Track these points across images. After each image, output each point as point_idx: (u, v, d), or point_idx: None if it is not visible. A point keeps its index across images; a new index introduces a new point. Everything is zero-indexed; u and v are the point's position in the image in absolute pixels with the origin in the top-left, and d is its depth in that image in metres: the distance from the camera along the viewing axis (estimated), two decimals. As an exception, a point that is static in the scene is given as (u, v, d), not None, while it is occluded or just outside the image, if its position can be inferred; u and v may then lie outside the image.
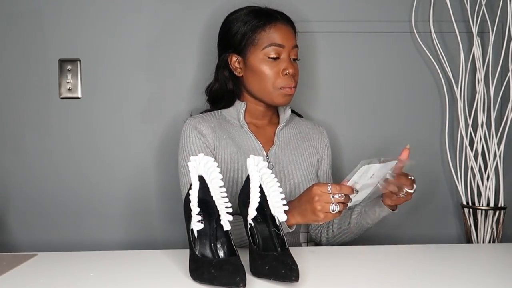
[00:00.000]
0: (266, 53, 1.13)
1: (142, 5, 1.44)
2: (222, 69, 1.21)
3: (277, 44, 1.13)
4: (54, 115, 1.44)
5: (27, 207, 1.44)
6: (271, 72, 1.13)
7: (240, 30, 1.16)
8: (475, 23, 1.42)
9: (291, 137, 1.24)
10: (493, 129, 1.42)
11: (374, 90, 1.49)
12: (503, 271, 0.85)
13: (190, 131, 1.16)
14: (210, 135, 1.16)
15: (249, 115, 1.22)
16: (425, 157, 1.50)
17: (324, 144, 1.29)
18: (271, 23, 1.14)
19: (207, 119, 1.19)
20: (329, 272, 0.84)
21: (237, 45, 1.16)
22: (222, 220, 0.81)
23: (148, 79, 1.45)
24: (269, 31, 1.13)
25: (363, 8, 1.47)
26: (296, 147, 1.23)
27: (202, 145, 1.15)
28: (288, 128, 1.25)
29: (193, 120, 1.18)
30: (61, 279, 0.81)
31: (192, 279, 0.78)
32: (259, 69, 1.14)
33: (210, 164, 0.84)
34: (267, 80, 1.14)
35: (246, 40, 1.15)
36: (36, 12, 1.42)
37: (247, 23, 1.15)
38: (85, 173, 1.44)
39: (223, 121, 1.21)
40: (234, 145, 1.16)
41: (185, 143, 1.16)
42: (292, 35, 1.17)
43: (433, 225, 1.52)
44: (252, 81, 1.17)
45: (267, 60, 1.13)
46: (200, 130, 1.16)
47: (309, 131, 1.28)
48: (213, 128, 1.17)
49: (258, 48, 1.14)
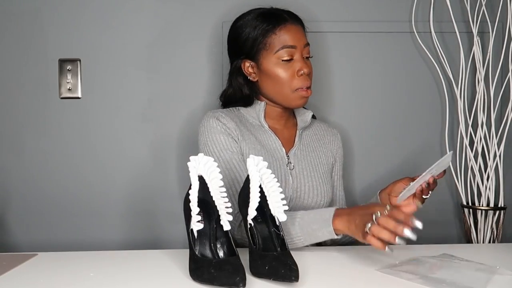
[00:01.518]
0: (279, 56, 1.12)
1: (142, 5, 1.44)
2: (236, 75, 1.20)
3: (289, 46, 1.11)
4: (54, 115, 1.43)
5: (27, 207, 1.44)
6: (286, 75, 1.12)
7: (250, 35, 1.14)
8: (475, 23, 1.42)
9: (309, 140, 1.23)
10: (493, 129, 1.42)
11: (374, 90, 1.49)
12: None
13: (212, 121, 1.12)
14: (234, 127, 1.13)
15: (267, 116, 1.20)
16: (425, 157, 1.50)
17: (338, 147, 1.29)
18: (281, 25, 1.12)
19: (228, 113, 1.16)
20: (329, 272, 0.84)
21: (248, 50, 1.15)
22: (222, 220, 0.81)
23: (148, 79, 1.45)
24: (279, 33, 1.12)
25: (363, 8, 1.47)
26: (314, 149, 1.22)
27: (227, 135, 1.11)
28: (307, 131, 1.25)
29: (214, 112, 1.15)
30: (61, 279, 0.81)
31: (192, 279, 0.78)
32: (274, 73, 1.13)
33: (210, 164, 0.84)
34: (283, 83, 1.13)
35: (257, 45, 1.13)
36: (36, 12, 1.42)
37: (257, 27, 1.13)
38: (85, 173, 1.44)
39: (243, 119, 1.19)
40: (257, 142, 1.15)
41: (208, 134, 1.11)
42: (302, 34, 1.15)
43: (433, 225, 1.51)
44: (267, 85, 1.15)
45: (281, 63, 1.12)
46: (222, 121, 1.13)
47: (324, 133, 1.28)
48: (236, 122, 1.14)
49: (270, 52, 1.12)
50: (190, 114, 1.43)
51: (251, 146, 1.13)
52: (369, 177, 1.50)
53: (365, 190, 1.50)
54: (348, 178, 1.48)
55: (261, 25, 1.13)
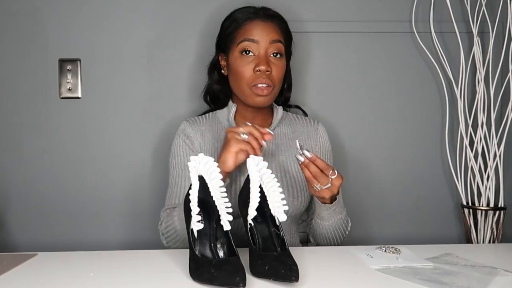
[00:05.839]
0: (239, 48, 1.10)
1: (142, 5, 1.44)
2: (211, 69, 1.21)
3: (249, 39, 1.09)
4: (54, 115, 1.44)
5: (27, 207, 1.44)
6: (243, 69, 1.09)
7: (225, 29, 1.16)
8: (475, 23, 1.42)
9: (282, 138, 1.19)
10: (493, 130, 1.42)
11: (374, 90, 1.49)
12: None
13: (178, 135, 1.17)
14: (198, 138, 1.15)
15: (241, 116, 1.17)
16: (425, 157, 1.50)
17: (318, 141, 1.22)
18: (249, 20, 1.11)
19: (199, 123, 1.18)
20: (329, 272, 0.84)
21: (223, 44, 1.16)
22: (222, 220, 0.81)
23: (148, 79, 1.45)
24: (245, 27, 1.10)
25: (364, 8, 1.47)
26: (288, 148, 1.17)
27: (187, 150, 1.14)
28: (280, 129, 1.20)
29: (185, 123, 1.18)
30: (61, 279, 0.81)
31: (192, 279, 0.78)
32: (233, 66, 1.12)
33: (210, 164, 0.84)
34: (241, 78, 1.09)
35: (227, 37, 1.14)
36: (36, 12, 1.42)
37: (234, 21, 1.13)
38: (85, 173, 1.44)
39: (215, 123, 1.19)
40: (221, 148, 1.11)
41: (173, 145, 1.17)
42: (271, 30, 1.10)
43: (433, 225, 1.52)
44: (231, 80, 1.15)
45: (241, 57, 1.10)
46: (187, 134, 1.15)
47: (303, 130, 1.22)
48: (202, 132, 1.16)
49: (235, 45, 1.11)
50: (190, 114, 1.43)
51: (215, 156, 1.10)
52: (369, 177, 1.49)
53: (365, 190, 1.50)
54: (346, 178, 1.48)
55: (235, 20, 1.13)
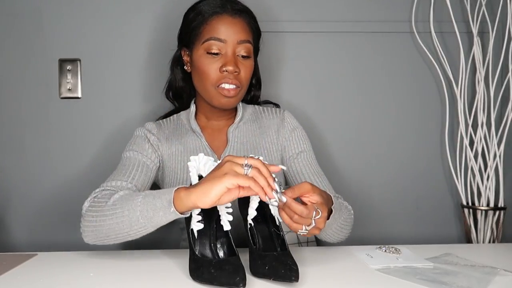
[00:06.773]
0: (205, 47, 1.04)
1: (142, 5, 1.44)
2: (174, 64, 1.17)
3: (216, 38, 1.03)
4: (54, 115, 1.44)
5: (27, 207, 1.44)
6: (209, 69, 1.03)
7: (189, 22, 1.08)
8: (475, 23, 1.42)
9: (248, 135, 1.13)
10: (493, 129, 1.42)
11: (374, 90, 1.49)
12: (503, 271, 0.85)
13: (139, 135, 1.11)
14: (163, 144, 1.10)
15: (204, 116, 1.14)
16: (425, 157, 1.50)
17: (285, 130, 1.14)
18: (215, 15, 1.04)
19: (163, 127, 1.14)
20: (329, 272, 0.84)
21: (187, 38, 1.10)
22: (222, 220, 0.81)
23: (148, 79, 1.45)
24: (211, 23, 1.04)
25: (364, 8, 1.47)
26: (255, 145, 1.12)
27: (144, 144, 1.09)
28: (244, 126, 1.14)
29: (150, 125, 1.14)
30: (61, 279, 0.81)
31: (192, 279, 0.78)
32: (198, 64, 1.06)
33: (210, 164, 0.84)
34: (206, 77, 1.04)
35: (191, 32, 1.07)
36: (36, 12, 1.42)
37: (199, 15, 1.06)
38: (85, 173, 1.44)
39: (179, 126, 1.15)
40: (185, 152, 1.10)
41: (131, 143, 1.10)
42: (240, 29, 1.04)
43: (433, 225, 1.52)
44: (195, 78, 1.10)
45: (206, 55, 1.04)
46: (151, 131, 1.11)
47: (269, 123, 1.15)
48: (167, 136, 1.12)
49: (199, 42, 1.05)
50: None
51: (178, 159, 1.08)
52: (369, 178, 1.49)
53: (365, 190, 1.50)
54: (347, 179, 1.48)
55: (200, 13, 1.06)
